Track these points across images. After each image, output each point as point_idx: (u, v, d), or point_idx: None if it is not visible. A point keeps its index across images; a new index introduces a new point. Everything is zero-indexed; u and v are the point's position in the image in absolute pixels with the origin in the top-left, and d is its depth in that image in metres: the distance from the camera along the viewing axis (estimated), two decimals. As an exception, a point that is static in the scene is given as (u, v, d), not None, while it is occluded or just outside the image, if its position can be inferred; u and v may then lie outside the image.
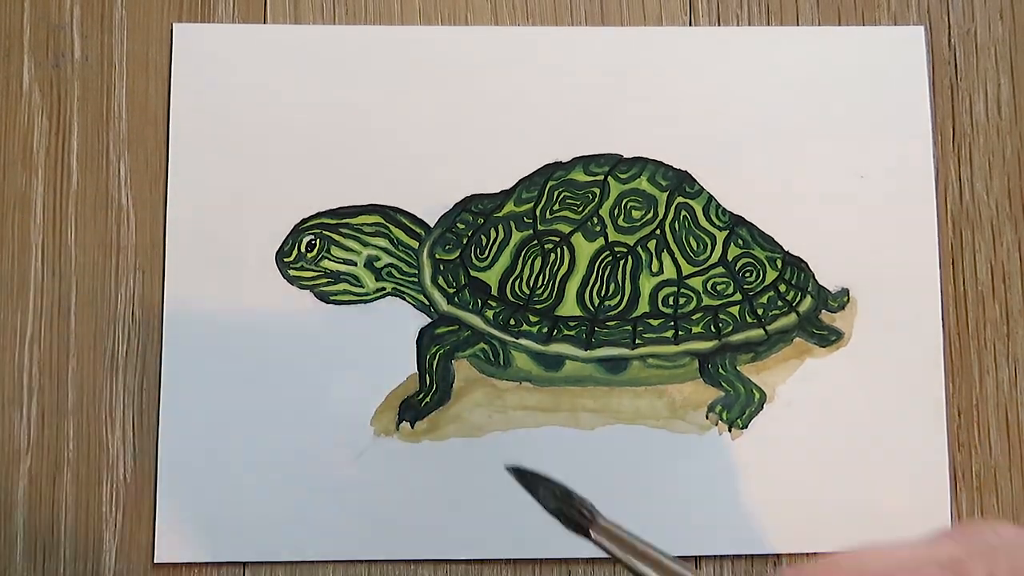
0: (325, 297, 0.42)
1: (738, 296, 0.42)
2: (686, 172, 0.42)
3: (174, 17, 0.43)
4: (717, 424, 0.41)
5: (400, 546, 0.40)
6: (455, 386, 0.41)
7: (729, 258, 0.42)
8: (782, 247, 0.42)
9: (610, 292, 0.42)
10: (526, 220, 0.42)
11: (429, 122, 0.42)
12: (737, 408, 0.41)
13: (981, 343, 0.42)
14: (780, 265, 0.42)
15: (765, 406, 0.41)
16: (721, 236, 0.42)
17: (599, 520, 0.27)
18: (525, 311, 0.41)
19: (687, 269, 0.42)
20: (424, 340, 0.41)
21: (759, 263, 0.42)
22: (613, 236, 0.42)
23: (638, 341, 0.41)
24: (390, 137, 0.42)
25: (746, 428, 0.41)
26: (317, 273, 0.42)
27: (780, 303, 0.42)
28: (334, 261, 0.42)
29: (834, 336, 0.42)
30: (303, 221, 0.42)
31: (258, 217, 0.42)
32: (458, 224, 0.42)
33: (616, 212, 0.42)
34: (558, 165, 0.42)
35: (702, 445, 0.41)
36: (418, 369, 0.41)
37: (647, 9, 0.44)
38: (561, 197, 0.42)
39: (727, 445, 0.41)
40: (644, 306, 0.42)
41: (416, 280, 0.42)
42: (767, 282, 0.42)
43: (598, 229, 0.42)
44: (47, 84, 0.42)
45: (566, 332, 0.41)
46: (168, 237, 0.42)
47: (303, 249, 0.42)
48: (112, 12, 0.43)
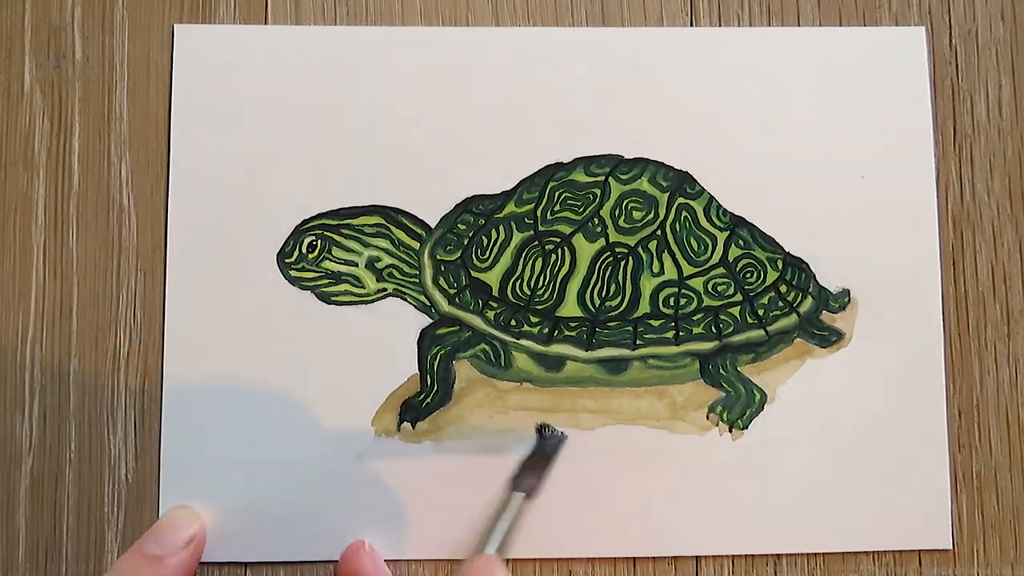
0: (326, 298, 0.42)
1: (739, 297, 0.42)
2: (687, 173, 0.42)
3: (175, 18, 0.43)
4: (717, 425, 0.41)
5: (400, 546, 0.40)
6: (456, 387, 0.41)
7: (730, 259, 0.42)
8: (783, 248, 0.42)
9: (611, 293, 0.42)
10: (527, 221, 0.42)
11: (430, 123, 0.42)
12: (737, 409, 0.41)
13: (981, 343, 0.42)
14: (781, 266, 0.42)
15: (766, 407, 0.41)
16: (722, 237, 0.42)
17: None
18: (526, 312, 0.42)
19: (688, 270, 0.42)
20: (425, 341, 0.41)
21: (760, 264, 0.42)
22: (614, 237, 0.42)
23: (639, 342, 0.41)
24: (391, 138, 0.42)
25: (746, 429, 0.41)
26: (318, 274, 0.42)
27: (781, 304, 0.42)
28: (335, 262, 0.42)
29: (835, 337, 0.42)
30: (304, 222, 0.42)
31: (259, 218, 0.42)
32: (459, 225, 0.42)
33: (617, 213, 0.42)
34: (559, 166, 0.42)
35: (702, 445, 0.41)
36: (419, 370, 0.41)
37: (648, 9, 0.44)
38: (562, 198, 0.42)
39: (727, 445, 0.41)
40: (645, 307, 0.42)
41: (417, 281, 0.42)
42: (768, 283, 0.42)
43: (599, 230, 0.42)
44: (48, 85, 0.43)
45: (567, 333, 0.41)
46: (169, 238, 0.42)
47: (304, 250, 0.42)
48: (113, 13, 0.43)
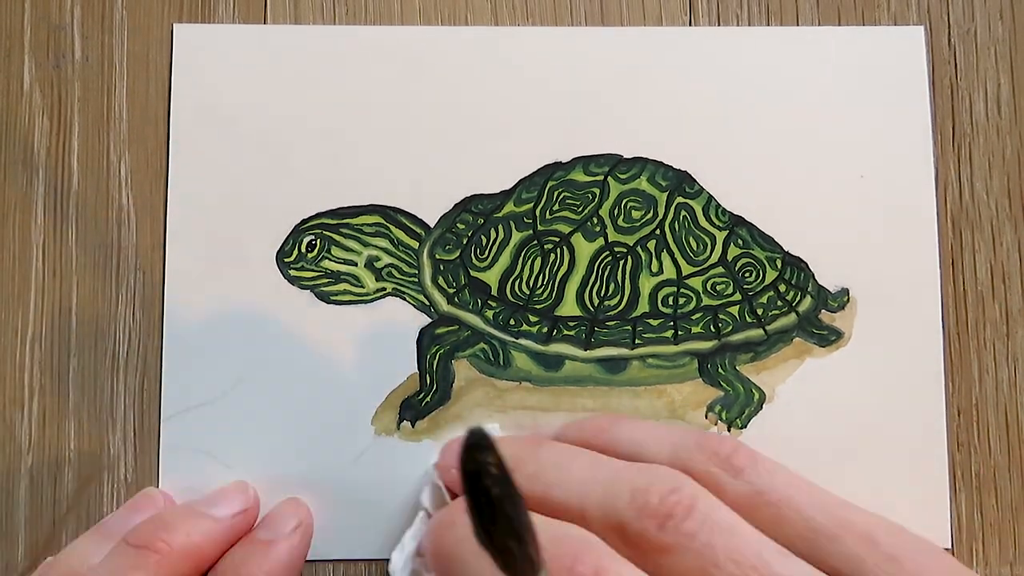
0: (325, 297, 0.42)
1: (738, 296, 0.42)
2: (686, 172, 0.42)
3: (174, 17, 0.43)
4: (716, 424, 0.41)
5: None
6: (455, 386, 0.41)
7: (729, 258, 0.42)
8: (782, 247, 0.42)
9: (610, 292, 0.42)
10: (526, 220, 0.42)
11: (429, 122, 0.42)
12: (736, 408, 0.41)
13: (981, 343, 0.42)
14: (780, 265, 0.42)
15: (764, 406, 0.41)
16: (721, 236, 0.42)
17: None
18: (525, 311, 0.42)
19: (687, 269, 0.42)
20: (424, 340, 0.41)
21: (759, 263, 0.42)
22: (613, 236, 0.42)
23: (638, 341, 0.41)
24: (390, 137, 0.42)
25: (745, 428, 0.41)
26: (317, 273, 0.42)
27: (780, 303, 0.42)
28: (334, 261, 0.42)
29: (834, 336, 0.42)
30: (303, 221, 0.42)
31: (258, 217, 0.42)
32: (458, 224, 0.42)
33: (616, 212, 0.42)
34: (558, 165, 0.42)
35: (702, 445, 0.41)
36: (418, 369, 0.41)
37: (647, 9, 0.44)
38: (561, 197, 0.42)
39: (727, 445, 0.41)
40: (644, 306, 0.42)
41: (416, 280, 0.42)
42: (767, 282, 0.42)
43: (598, 229, 0.42)
44: (48, 85, 0.43)
45: (566, 332, 0.41)
46: (168, 237, 0.42)
47: (303, 249, 0.42)
48: (112, 13, 0.43)
